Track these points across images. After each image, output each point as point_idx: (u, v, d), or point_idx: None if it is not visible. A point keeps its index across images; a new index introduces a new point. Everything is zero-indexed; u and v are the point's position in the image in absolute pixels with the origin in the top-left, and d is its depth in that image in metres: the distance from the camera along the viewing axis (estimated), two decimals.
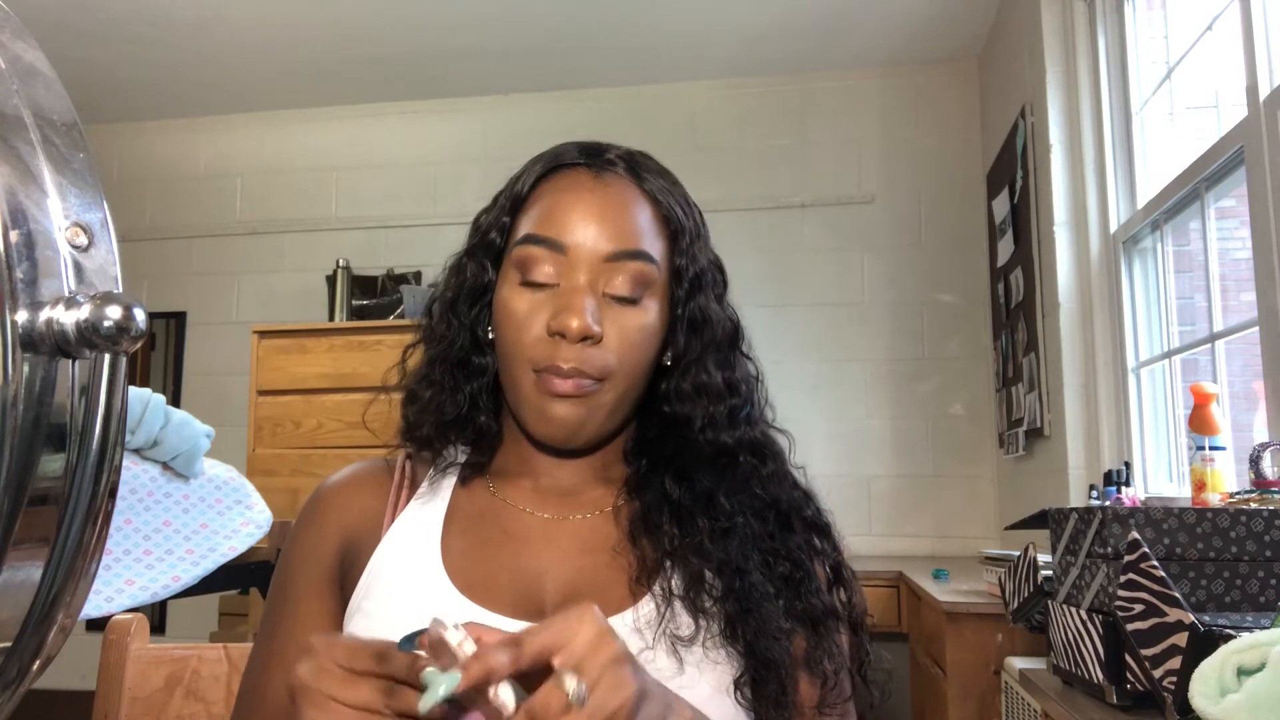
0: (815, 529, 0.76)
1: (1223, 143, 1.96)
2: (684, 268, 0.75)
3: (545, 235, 0.71)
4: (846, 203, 3.80)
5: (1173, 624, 1.09)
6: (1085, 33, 2.74)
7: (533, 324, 0.70)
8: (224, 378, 4.11)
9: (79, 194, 0.32)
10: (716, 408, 0.75)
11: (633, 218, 0.73)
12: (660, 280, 0.74)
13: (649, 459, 0.76)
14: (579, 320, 0.68)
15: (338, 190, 4.21)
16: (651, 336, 0.73)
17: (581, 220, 0.71)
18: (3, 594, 0.30)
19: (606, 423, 0.73)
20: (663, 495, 0.73)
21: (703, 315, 0.76)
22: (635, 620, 0.68)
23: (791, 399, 3.67)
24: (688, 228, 0.76)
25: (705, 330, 0.76)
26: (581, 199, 0.72)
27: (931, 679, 2.41)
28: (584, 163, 0.75)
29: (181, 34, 3.60)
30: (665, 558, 0.70)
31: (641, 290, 0.72)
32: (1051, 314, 2.78)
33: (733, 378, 0.77)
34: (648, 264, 0.72)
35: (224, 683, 0.97)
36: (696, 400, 0.75)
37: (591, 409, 0.71)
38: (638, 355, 0.72)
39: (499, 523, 0.74)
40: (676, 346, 0.76)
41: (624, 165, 0.76)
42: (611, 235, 0.71)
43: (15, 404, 0.29)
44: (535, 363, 0.70)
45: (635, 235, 0.72)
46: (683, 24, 3.53)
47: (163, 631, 3.98)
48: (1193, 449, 1.67)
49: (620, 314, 0.71)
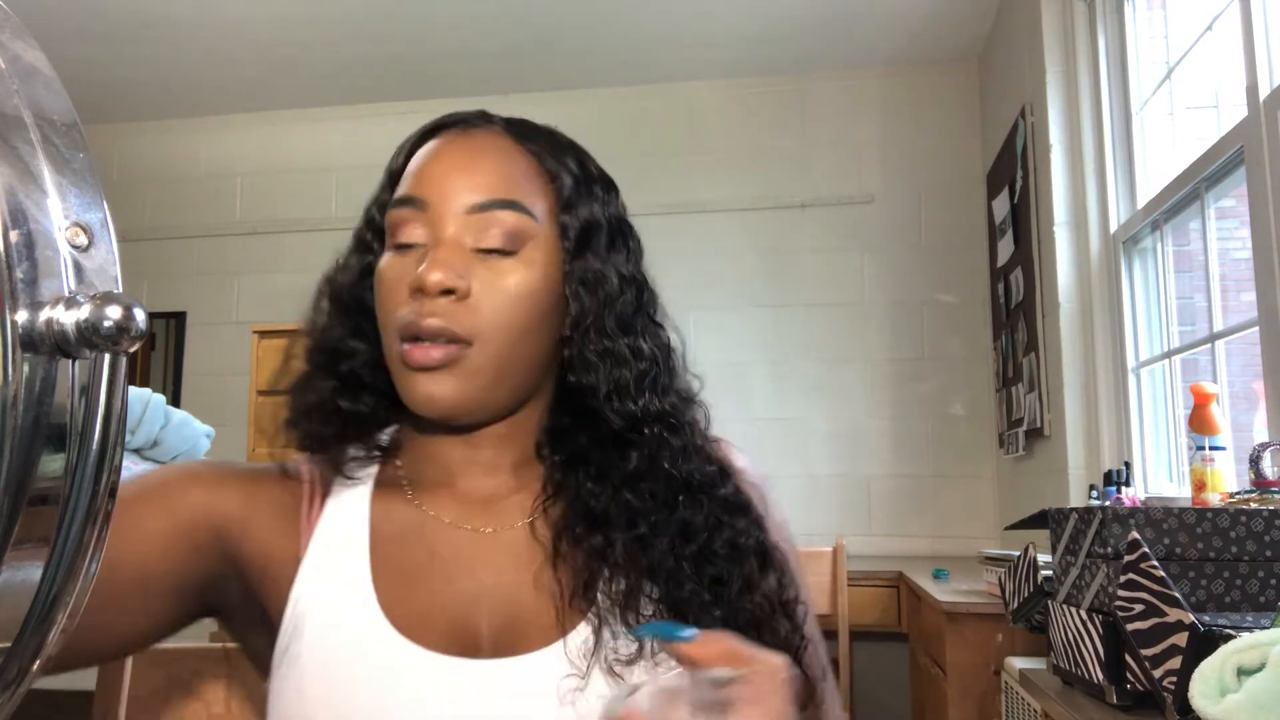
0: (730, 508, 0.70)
1: (1223, 143, 1.96)
2: (568, 223, 0.69)
3: (408, 195, 0.67)
4: (846, 203, 3.80)
5: (1173, 624, 1.09)
6: (1085, 33, 2.74)
7: (399, 285, 0.66)
8: (224, 378, 4.11)
9: (79, 194, 0.32)
10: (619, 372, 0.68)
11: (500, 166, 0.68)
12: (543, 236, 0.68)
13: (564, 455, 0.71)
14: (438, 273, 0.63)
15: (338, 190, 4.21)
16: (532, 295, 0.66)
17: (444, 173, 0.67)
18: (3, 594, 0.30)
19: (490, 394, 0.66)
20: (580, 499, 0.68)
21: (596, 275, 0.69)
22: (566, 650, 0.64)
23: (791, 399, 3.67)
24: (572, 179, 0.70)
25: (600, 290, 0.69)
26: (444, 153, 0.68)
27: (931, 679, 2.41)
28: (457, 122, 0.71)
29: (181, 34, 3.60)
30: (592, 572, 0.66)
31: (516, 245, 0.66)
32: (1051, 314, 2.78)
33: (637, 343, 0.70)
34: (519, 214, 0.66)
35: (224, 683, 0.97)
36: (599, 366, 0.68)
37: (464, 377, 0.65)
38: (513, 313, 0.65)
39: (424, 541, 0.68)
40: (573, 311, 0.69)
41: (503, 124, 0.72)
42: (476, 185, 0.66)
43: (15, 404, 0.29)
44: (401, 330, 0.65)
45: (503, 185, 0.67)
46: (683, 24, 3.53)
47: None
48: (1193, 449, 1.67)
49: (492, 269, 0.66)
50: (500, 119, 0.73)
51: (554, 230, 0.69)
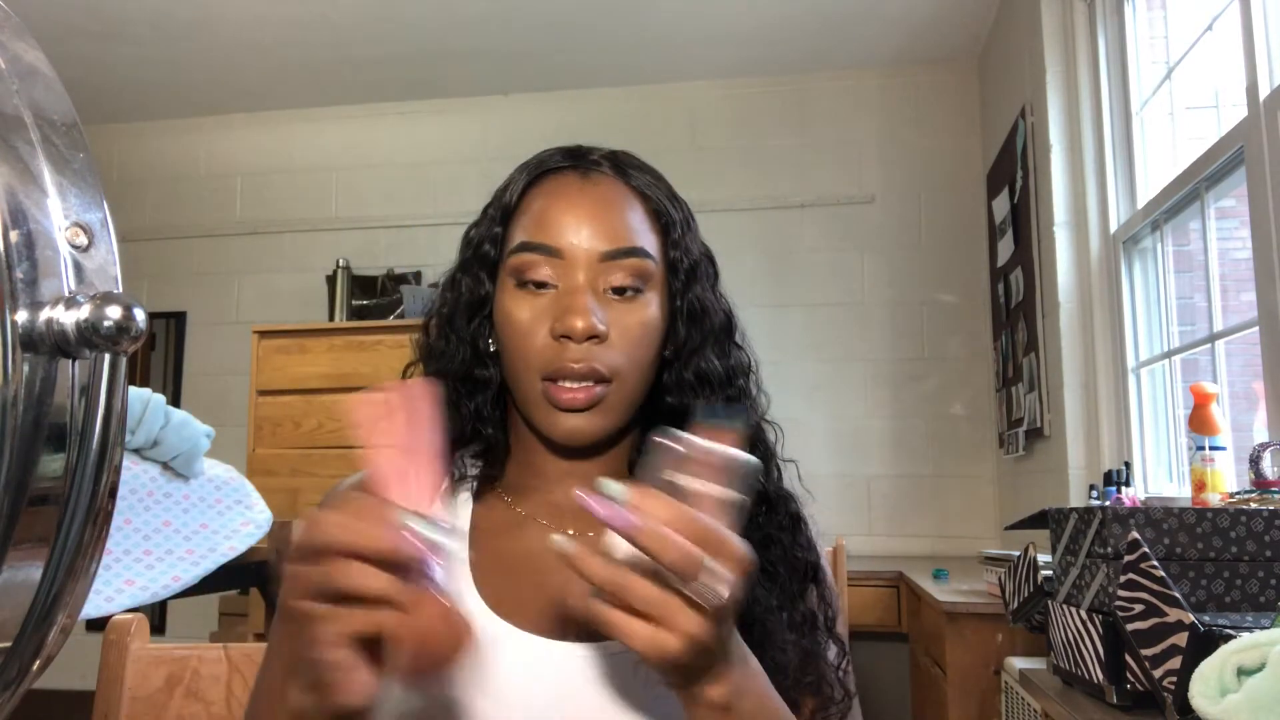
0: (795, 526, 0.77)
1: (1223, 143, 1.96)
2: (678, 260, 0.76)
3: (540, 241, 0.72)
4: (846, 203, 3.80)
5: (1173, 624, 1.09)
6: (1085, 33, 2.74)
7: (537, 330, 0.71)
8: (224, 378, 4.11)
9: (79, 194, 0.32)
10: (717, 396, 0.75)
11: (624, 215, 0.73)
12: (657, 274, 0.74)
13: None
14: (584, 320, 0.68)
15: (338, 190, 4.21)
16: (654, 331, 0.74)
17: (574, 222, 0.72)
18: (3, 594, 0.30)
19: (617, 422, 0.73)
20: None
21: (700, 305, 0.76)
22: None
23: (791, 399, 3.67)
24: (678, 220, 0.76)
25: (704, 320, 0.76)
26: (572, 201, 0.73)
27: (931, 679, 2.41)
28: (569, 165, 0.76)
29: (181, 34, 3.60)
30: None
31: (641, 286, 0.73)
32: (1051, 314, 2.78)
33: (730, 366, 0.78)
34: (644, 259, 0.73)
35: (224, 683, 0.97)
36: (698, 389, 0.75)
37: (605, 414, 0.71)
38: (643, 350, 0.72)
39: (521, 540, 0.74)
40: (677, 338, 0.76)
41: (609, 164, 0.76)
42: (606, 234, 0.72)
43: (15, 404, 0.29)
44: (543, 370, 0.70)
45: (629, 232, 0.73)
46: (683, 24, 3.53)
47: (163, 631, 3.98)
48: (1193, 449, 1.67)
49: (622, 311, 0.72)
50: (605, 158, 0.77)
51: (664, 266, 0.76)
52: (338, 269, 3.76)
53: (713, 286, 0.79)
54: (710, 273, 0.79)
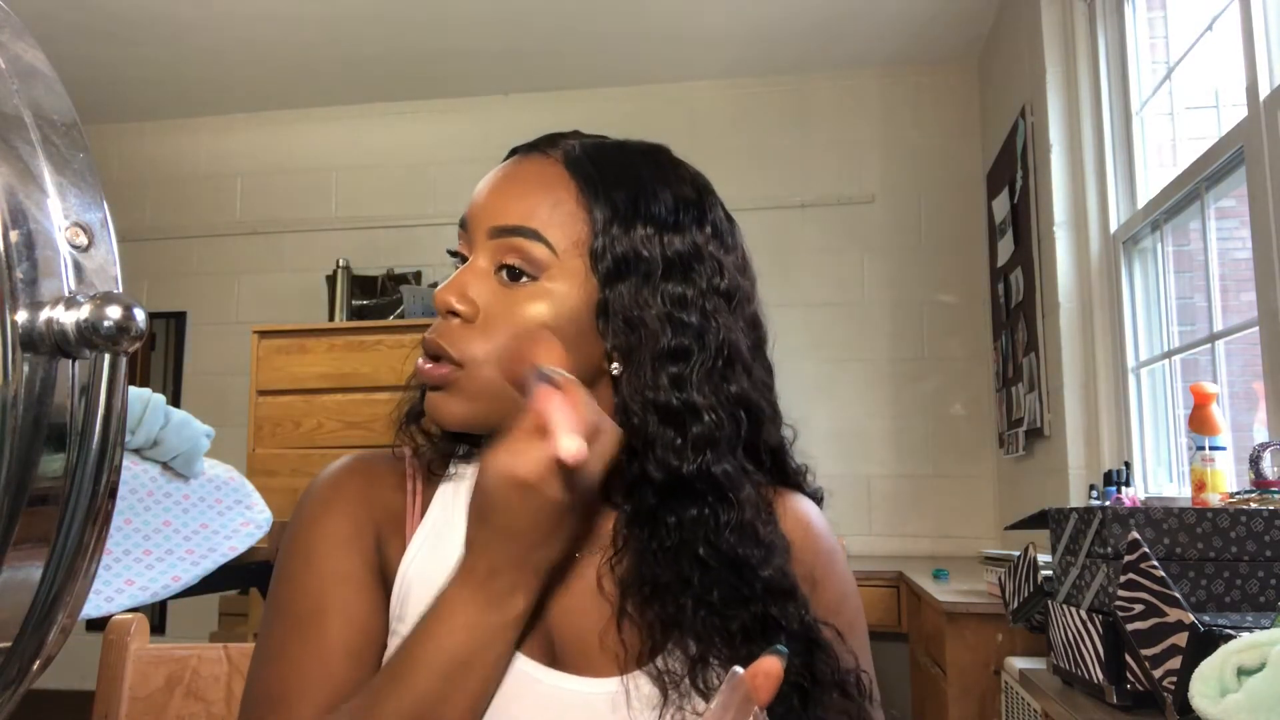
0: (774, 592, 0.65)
1: (1223, 143, 1.96)
2: (599, 250, 0.65)
3: (462, 216, 0.70)
4: (846, 203, 3.80)
5: (1173, 624, 1.09)
6: (1085, 33, 2.74)
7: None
8: (224, 378, 4.11)
9: (79, 194, 0.32)
10: (663, 431, 0.64)
11: (530, 193, 0.66)
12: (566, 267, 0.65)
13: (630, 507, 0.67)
14: (445, 294, 0.66)
15: (337, 190, 4.21)
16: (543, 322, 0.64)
17: (481, 196, 0.69)
18: (3, 594, 0.30)
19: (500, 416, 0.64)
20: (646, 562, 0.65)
21: (626, 310, 0.65)
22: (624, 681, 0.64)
23: (791, 399, 3.65)
24: (618, 210, 0.66)
25: (642, 331, 0.65)
26: (491, 178, 0.70)
27: (931, 679, 2.41)
28: (525, 147, 0.72)
29: (181, 34, 3.60)
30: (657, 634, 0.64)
31: (533, 272, 0.65)
32: (1051, 314, 2.78)
33: (691, 398, 0.65)
34: (531, 240, 0.65)
35: (224, 683, 0.96)
36: (642, 417, 0.64)
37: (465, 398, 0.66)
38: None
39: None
40: (620, 350, 0.66)
41: (565, 150, 0.69)
42: (498, 210, 0.67)
43: (15, 404, 0.29)
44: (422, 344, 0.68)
45: (525, 211, 0.66)
46: (683, 24, 3.53)
47: (163, 631, 3.98)
48: (1193, 449, 1.67)
49: (504, 295, 0.66)
50: (574, 144, 0.71)
51: (583, 262, 0.66)
52: (338, 269, 3.76)
53: (681, 295, 0.66)
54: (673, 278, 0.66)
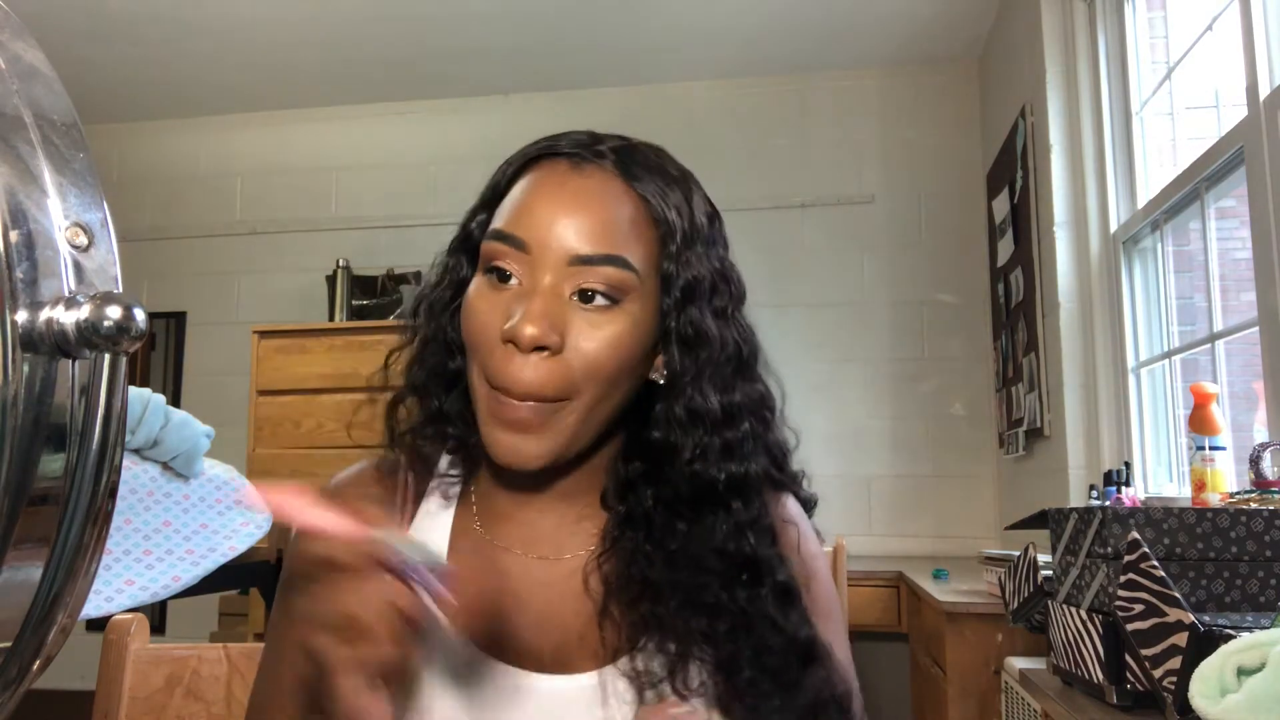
0: (783, 597, 0.67)
1: (1223, 143, 1.96)
2: (672, 274, 0.66)
3: (510, 232, 0.64)
4: (846, 203, 3.80)
5: (1173, 624, 1.09)
6: (1085, 33, 2.74)
7: (490, 326, 0.64)
8: (224, 378, 4.11)
9: (79, 194, 0.32)
10: (710, 439, 0.66)
11: (608, 216, 0.64)
12: (644, 288, 0.65)
13: (627, 509, 0.69)
14: (532, 328, 0.61)
15: (338, 190, 4.21)
16: (626, 350, 0.64)
17: (549, 217, 0.64)
18: (3, 594, 0.30)
19: (570, 445, 0.65)
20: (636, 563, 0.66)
21: (696, 330, 0.66)
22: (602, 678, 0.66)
23: (791, 399, 3.66)
24: (680, 229, 0.67)
25: (699, 347, 0.66)
26: (553, 193, 0.65)
27: (931, 679, 2.41)
28: (568, 153, 0.67)
29: (181, 34, 3.60)
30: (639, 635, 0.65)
31: (617, 297, 0.64)
32: (1051, 314, 2.78)
33: (734, 403, 0.68)
34: (623, 270, 0.64)
35: (224, 683, 0.96)
36: (689, 428, 0.66)
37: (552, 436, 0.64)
38: (605, 366, 0.64)
39: (494, 558, 0.70)
40: (672, 364, 0.67)
41: (614, 158, 0.68)
42: (582, 236, 0.63)
43: (15, 404, 0.29)
44: (490, 376, 0.64)
45: (609, 237, 0.64)
46: (683, 24, 3.53)
47: (163, 631, 3.98)
48: (1193, 449, 1.67)
49: (588, 322, 0.63)
50: (611, 149, 0.69)
51: (655, 282, 0.66)
52: (338, 269, 3.76)
53: (722, 311, 0.69)
54: (722, 294, 0.69)
